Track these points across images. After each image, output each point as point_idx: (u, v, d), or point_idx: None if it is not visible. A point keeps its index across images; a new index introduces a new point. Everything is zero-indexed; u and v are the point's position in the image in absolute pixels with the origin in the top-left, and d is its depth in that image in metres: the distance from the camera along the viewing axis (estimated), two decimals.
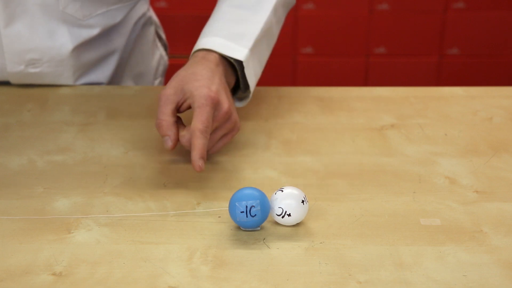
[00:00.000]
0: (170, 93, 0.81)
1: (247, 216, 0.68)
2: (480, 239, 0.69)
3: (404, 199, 0.76)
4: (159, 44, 1.26)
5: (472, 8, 2.20)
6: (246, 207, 0.68)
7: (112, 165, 0.84)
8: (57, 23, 1.01)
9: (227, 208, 0.70)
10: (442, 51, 2.25)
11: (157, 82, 1.25)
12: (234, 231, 0.71)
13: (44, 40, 1.02)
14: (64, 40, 1.02)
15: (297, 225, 0.71)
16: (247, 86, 0.90)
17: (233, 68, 0.89)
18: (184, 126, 0.82)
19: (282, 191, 0.71)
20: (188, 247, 0.68)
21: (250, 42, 0.89)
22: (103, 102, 1.02)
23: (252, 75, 0.90)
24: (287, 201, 0.70)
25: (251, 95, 0.91)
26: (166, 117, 0.80)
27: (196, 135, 0.77)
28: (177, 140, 0.80)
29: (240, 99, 0.93)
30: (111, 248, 0.68)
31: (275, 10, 0.94)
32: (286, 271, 0.64)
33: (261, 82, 0.99)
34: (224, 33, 0.88)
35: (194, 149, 0.77)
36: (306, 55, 2.27)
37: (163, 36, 1.29)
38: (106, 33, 1.08)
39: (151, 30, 1.21)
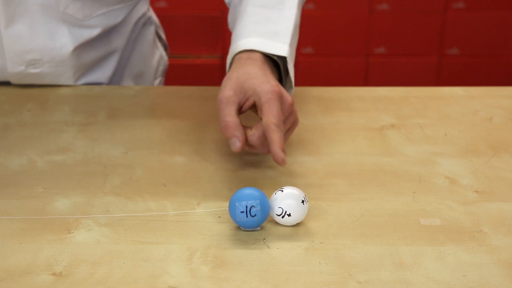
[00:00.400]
0: (230, 95, 0.78)
1: (247, 216, 0.68)
2: (480, 239, 0.69)
3: (404, 199, 0.76)
4: (159, 44, 1.26)
5: (472, 8, 2.20)
6: (246, 207, 0.68)
7: (112, 165, 0.84)
8: (57, 24, 1.01)
9: (227, 208, 0.70)
10: (442, 51, 2.25)
11: (157, 82, 1.25)
12: (234, 231, 0.71)
13: (45, 41, 1.02)
14: (64, 40, 1.02)
15: (297, 225, 0.71)
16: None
17: (274, 66, 0.88)
18: (247, 127, 0.80)
19: (282, 191, 0.71)
20: (188, 247, 0.68)
21: (287, 38, 0.87)
22: (103, 102, 1.02)
23: (292, 70, 0.89)
24: (287, 201, 0.70)
25: (293, 90, 0.90)
26: (231, 118, 0.77)
27: (272, 129, 0.75)
28: (245, 140, 0.78)
29: None
30: (111, 248, 0.68)
31: (298, 5, 0.93)
32: (286, 271, 0.64)
33: None
34: (260, 32, 0.87)
35: (273, 143, 0.75)
36: (306, 55, 2.27)
37: (163, 36, 1.30)
38: (107, 33, 1.08)
39: (151, 30, 1.21)
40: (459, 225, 0.72)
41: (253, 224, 0.69)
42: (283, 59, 0.87)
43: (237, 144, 0.77)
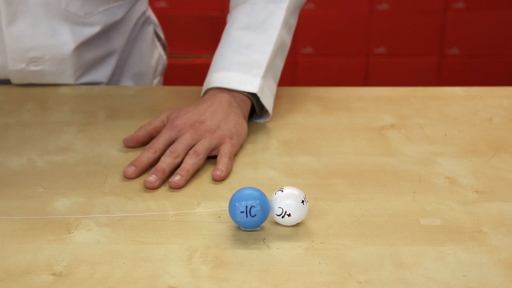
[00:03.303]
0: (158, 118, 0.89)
1: (247, 216, 0.68)
2: (480, 239, 0.69)
3: (404, 199, 0.76)
4: (157, 44, 1.26)
5: (472, 8, 2.20)
6: (246, 207, 0.68)
7: (112, 165, 0.84)
8: (59, 22, 1.01)
9: (227, 208, 0.70)
10: (442, 51, 2.25)
11: (156, 81, 1.25)
12: (234, 231, 0.71)
13: (46, 39, 1.02)
14: (66, 38, 1.02)
15: (297, 225, 0.71)
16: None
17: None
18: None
19: (282, 191, 0.71)
20: (188, 247, 0.68)
21: (261, 70, 0.91)
22: (103, 102, 1.02)
23: (269, 96, 0.92)
24: (287, 201, 0.70)
25: (270, 116, 0.94)
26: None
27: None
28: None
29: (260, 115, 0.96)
30: (111, 248, 0.68)
31: (285, 22, 0.95)
32: (286, 271, 0.64)
33: None
34: (234, 66, 0.91)
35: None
36: (306, 55, 2.27)
37: (162, 35, 1.30)
38: (107, 32, 1.08)
39: (150, 30, 1.22)
40: (459, 225, 0.72)
41: (253, 224, 0.69)
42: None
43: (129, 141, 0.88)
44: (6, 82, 1.07)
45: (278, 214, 0.70)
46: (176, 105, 1.01)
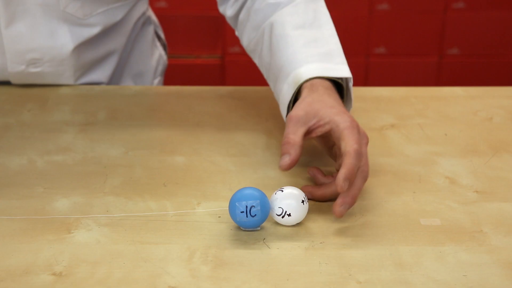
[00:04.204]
0: (300, 115, 0.76)
1: (247, 216, 0.68)
2: (480, 239, 0.69)
3: (404, 199, 0.76)
4: (158, 44, 1.26)
5: (472, 8, 2.19)
6: (246, 207, 0.68)
7: (112, 165, 0.84)
8: (57, 23, 1.01)
9: (227, 208, 0.70)
10: (442, 51, 2.25)
11: (156, 81, 1.25)
12: (234, 231, 0.71)
13: (45, 40, 1.01)
14: (65, 39, 1.02)
15: (297, 225, 0.71)
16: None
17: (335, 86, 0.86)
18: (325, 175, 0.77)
19: (282, 191, 0.71)
20: (188, 247, 0.68)
21: (342, 58, 0.86)
22: (103, 102, 1.02)
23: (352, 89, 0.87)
24: (287, 201, 0.70)
25: (352, 105, 0.88)
26: (295, 136, 0.75)
27: (351, 155, 0.71)
28: (295, 161, 0.74)
29: None
30: (111, 248, 0.68)
31: (330, 17, 0.92)
32: (286, 271, 0.64)
33: (261, 82, 0.99)
34: (315, 56, 0.84)
35: (344, 167, 0.70)
36: None
37: (162, 35, 1.30)
38: (107, 32, 1.08)
39: (150, 30, 1.21)
40: (459, 225, 0.72)
41: (253, 224, 0.69)
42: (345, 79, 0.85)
43: (285, 159, 0.74)
44: (6, 82, 1.07)
45: (278, 214, 0.70)
46: (176, 105, 1.01)
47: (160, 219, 0.73)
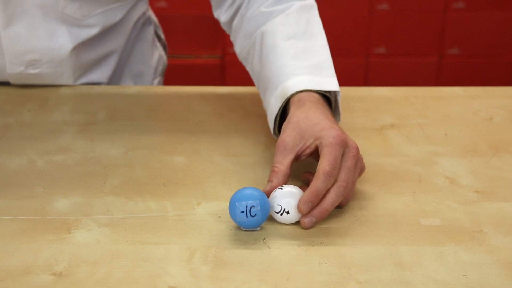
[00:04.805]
0: (287, 142, 0.76)
1: (247, 216, 0.68)
2: (480, 239, 0.69)
3: (404, 199, 0.76)
4: (158, 44, 1.26)
5: (472, 8, 2.19)
6: (246, 207, 0.68)
7: (112, 165, 0.84)
8: (56, 24, 1.01)
9: (227, 208, 0.70)
10: (442, 51, 2.25)
11: (156, 81, 1.25)
12: (234, 231, 0.71)
13: (44, 41, 1.01)
14: (63, 40, 1.02)
15: (297, 225, 0.71)
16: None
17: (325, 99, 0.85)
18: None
19: (281, 189, 0.71)
20: (188, 247, 0.68)
21: (331, 70, 0.86)
22: (103, 102, 1.02)
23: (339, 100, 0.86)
24: (286, 199, 0.70)
25: (339, 121, 0.87)
26: (282, 166, 0.75)
27: (318, 177, 0.71)
28: (274, 188, 0.73)
29: None
30: (111, 248, 0.68)
31: (322, 28, 0.91)
32: (286, 271, 0.64)
33: None
34: (304, 69, 0.84)
35: (307, 190, 0.71)
36: None
37: (162, 36, 1.30)
38: (106, 33, 1.08)
39: (150, 30, 1.21)
40: (459, 225, 0.72)
41: (253, 224, 0.69)
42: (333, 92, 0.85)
43: (266, 187, 0.74)
44: (6, 82, 1.07)
45: (277, 211, 0.70)
46: (176, 105, 1.01)
47: (160, 219, 0.73)
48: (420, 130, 0.93)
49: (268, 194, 0.73)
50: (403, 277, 0.64)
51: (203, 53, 2.23)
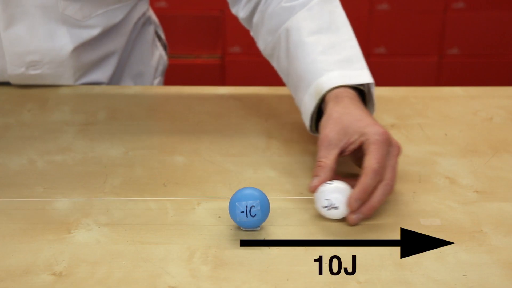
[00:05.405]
0: (331, 137, 0.76)
1: (247, 216, 0.68)
2: (480, 239, 0.69)
3: (404, 199, 0.76)
4: (158, 44, 1.26)
5: (472, 8, 2.19)
6: (246, 207, 0.68)
7: (112, 165, 0.84)
8: (57, 25, 1.01)
9: (227, 208, 0.70)
10: (442, 51, 2.25)
11: (156, 81, 1.24)
12: (234, 231, 0.71)
13: (44, 42, 1.01)
14: (64, 41, 1.02)
15: (297, 225, 0.71)
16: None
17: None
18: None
19: (330, 184, 0.71)
20: (188, 247, 0.68)
21: (362, 62, 0.86)
22: (103, 102, 1.02)
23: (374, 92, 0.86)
24: (334, 194, 0.71)
25: (375, 109, 0.87)
26: (328, 160, 0.75)
27: (367, 174, 0.71)
28: (322, 182, 0.73)
29: None
30: (111, 248, 0.68)
31: (347, 20, 0.90)
32: (286, 271, 0.64)
33: (261, 82, 0.99)
34: (335, 64, 0.84)
35: (357, 187, 0.71)
36: None
37: (162, 36, 1.29)
38: (106, 33, 1.08)
39: (150, 30, 1.21)
40: (459, 225, 0.72)
41: (253, 224, 0.69)
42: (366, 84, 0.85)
43: (314, 181, 0.74)
44: (6, 82, 1.06)
45: (325, 206, 0.70)
46: (176, 105, 1.01)
47: (160, 219, 0.73)
48: (420, 130, 0.93)
49: (315, 188, 0.73)
50: (403, 277, 0.64)
51: (203, 53, 2.23)
